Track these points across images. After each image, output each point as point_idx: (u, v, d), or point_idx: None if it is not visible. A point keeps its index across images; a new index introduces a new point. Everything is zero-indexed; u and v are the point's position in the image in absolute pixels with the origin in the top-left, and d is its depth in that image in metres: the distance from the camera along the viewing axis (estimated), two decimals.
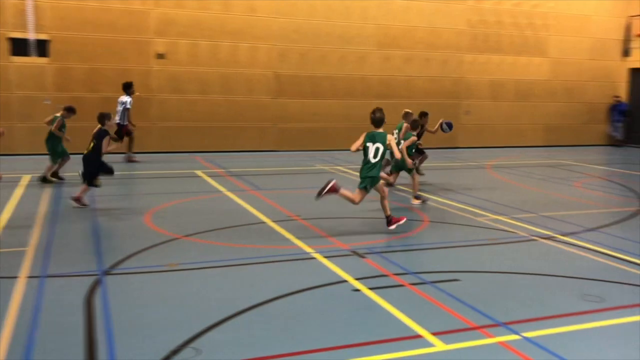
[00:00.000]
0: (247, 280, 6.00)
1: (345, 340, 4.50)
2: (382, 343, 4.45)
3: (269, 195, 10.53)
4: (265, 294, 5.43)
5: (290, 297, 5.43)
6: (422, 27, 18.88)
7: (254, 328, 4.74)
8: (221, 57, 17.06)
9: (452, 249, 7.27)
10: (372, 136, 7.79)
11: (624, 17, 21.58)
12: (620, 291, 5.82)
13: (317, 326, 4.81)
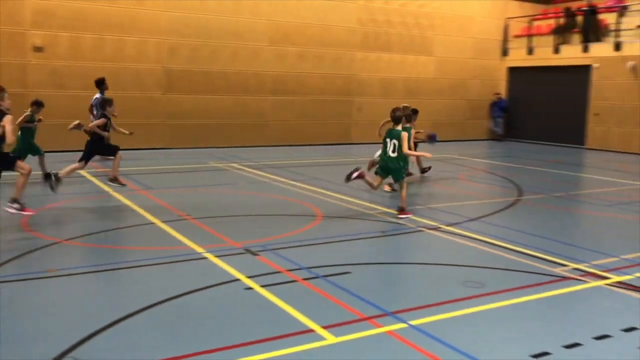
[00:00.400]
0: (134, 283, 5.74)
1: (238, 339, 4.42)
2: (274, 340, 4.41)
3: (159, 195, 10.17)
4: (154, 297, 5.21)
5: (181, 299, 5.25)
6: (314, 24, 19.06)
7: (142, 332, 4.53)
8: (107, 51, 16.27)
9: (345, 243, 7.37)
10: (390, 133, 8.73)
11: (502, 19, 22.97)
12: (500, 276, 6.16)
13: (209, 327, 4.69)
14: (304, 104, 19.30)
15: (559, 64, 21.01)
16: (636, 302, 5.41)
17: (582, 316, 5.08)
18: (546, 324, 4.89)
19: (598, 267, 6.45)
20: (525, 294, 5.53)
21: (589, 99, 19.96)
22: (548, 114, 21.27)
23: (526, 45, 22.25)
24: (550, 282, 5.90)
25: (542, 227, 8.57)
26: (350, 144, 20.02)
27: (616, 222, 9.27)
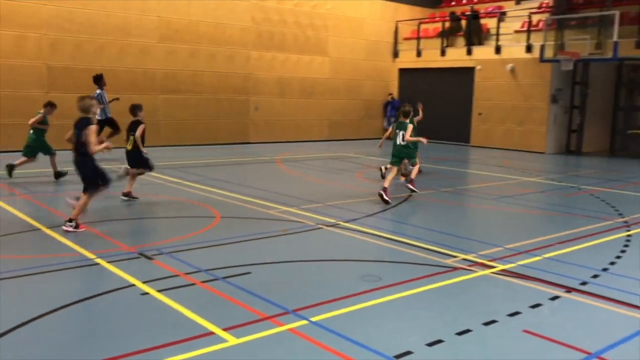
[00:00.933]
0: (17, 294, 5.34)
1: (135, 346, 4.24)
2: (174, 345, 4.27)
3: (44, 199, 9.56)
4: (42, 307, 4.88)
5: (71, 308, 4.96)
6: (206, 22, 18.72)
7: (29, 346, 4.22)
8: None
9: (244, 243, 7.29)
10: (399, 125, 10.33)
11: (393, 22, 23.77)
12: (395, 269, 6.36)
13: (103, 335, 4.46)
14: (198, 102, 18.92)
15: (446, 65, 22.09)
16: (519, 289, 5.78)
17: (472, 304, 5.35)
18: (439, 313, 5.11)
19: (485, 257, 6.83)
20: (419, 285, 5.74)
21: (473, 99, 21.14)
22: (436, 113, 22.24)
23: (415, 47, 23.17)
24: (442, 273, 6.17)
25: (432, 221, 8.96)
26: (248, 143, 19.89)
27: (500, 214, 9.88)
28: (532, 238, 7.81)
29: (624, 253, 7.17)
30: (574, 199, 11.29)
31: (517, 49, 19.97)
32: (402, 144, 10.24)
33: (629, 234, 8.19)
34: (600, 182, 13.23)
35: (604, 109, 20.09)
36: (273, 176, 13.34)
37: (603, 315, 5.14)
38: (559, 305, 5.34)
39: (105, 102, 14.55)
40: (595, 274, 6.28)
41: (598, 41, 16.91)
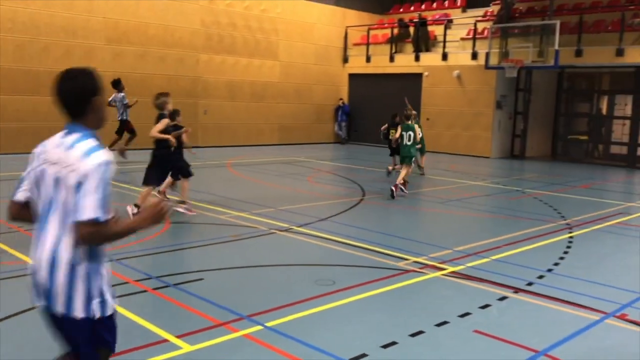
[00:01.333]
0: None
1: None
2: (126, 353, 4.17)
3: None
4: None
5: (20, 317, 4.78)
6: (155, 24, 18.42)
7: None
8: None
9: (196, 249, 7.21)
10: (405, 127, 11.48)
11: (342, 27, 23.97)
12: (349, 273, 6.41)
13: (51, 347, 4.31)
14: (146, 106, 18.52)
15: (394, 71, 22.43)
16: (469, 290, 5.93)
17: (424, 305, 5.45)
18: (393, 316, 5.18)
19: (435, 259, 6.98)
20: (372, 288, 5.81)
21: (421, 105, 21.52)
22: (386, 118, 22.53)
23: (365, 53, 23.44)
24: (394, 276, 6.26)
25: (384, 224, 9.08)
26: (197, 147, 19.60)
27: (449, 217, 10.10)
28: (479, 240, 8.02)
29: (567, 254, 7.45)
30: (519, 202, 11.65)
31: (463, 56, 20.48)
32: (408, 144, 11.39)
33: (571, 236, 8.51)
34: (543, 186, 13.70)
35: (546, 115, 20.81)
36: (224, 181, 13.23)
37: (549, 314, 5.33)
38: (507, 306, 5.50)
39: (125, 105, 15.14)
40: (541, 274, 6.50)
41: (540, 49, 17.51)
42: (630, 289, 6.07)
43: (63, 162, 2.64)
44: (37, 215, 2.76)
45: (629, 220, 9.89)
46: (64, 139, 2.71)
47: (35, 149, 2.84)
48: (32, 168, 2.80)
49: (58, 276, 2.62)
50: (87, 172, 2.57)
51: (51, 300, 2.67)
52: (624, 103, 19.97)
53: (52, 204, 2.68)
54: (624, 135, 19.33)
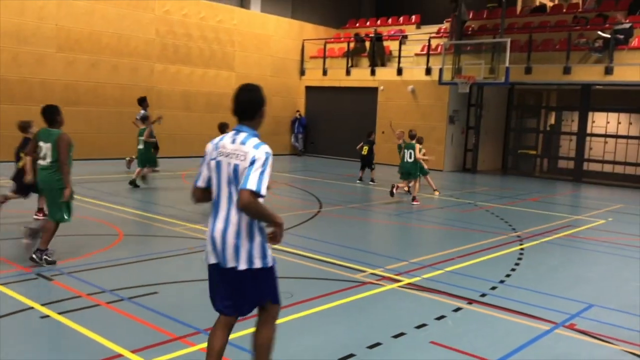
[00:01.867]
0: None
1: None
2: None
3: None
4: None
5: None
6: (109, 33, 18.11)
7: None
8: None
9: (150, 262, 7.08)
10: (407, 145, 12.54)
11: (300, 40, 24.10)
12: (306, 285, 6.41)
13: None
14: (99, 115, 18.21)
15: (351, 85, 22.67)
16: (425, 301, 6.02)
17: (381, 317, 5.50)
18: (350, 328, 5.20)
19: (391, 271, 7.05)
20: (330, 301, 5.83)
21: (377, 118, 21.80)
22: (342, 131, 22.77)
23: (322, 66, 23.62)
24: (352, 288, 6.29)
25: (341, 237, 9.13)
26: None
27: (404, 229, 10.24)
28: (435, 252, 8.15)
29: (518, 266, 7.66)
30: (471, 214, 11.91)
31: (417, 71, 20.88)
32: (409, 161, 12.37)
33: (521, 248, 8.75)
34: (494, 199, 14.05)
35: (496, 130, 21.39)
36: (178, 192, 13.05)
37: (502, 324, 5.46)
38: (461, 317, 5.61)
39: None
40: (494, 285, 6.65)
41: (492, 66, 18.02)
42: (579, 300, 6.28)
43: (238, 152, 3.52)
44: (214, 196, 3.63)
45: (577, 233, 10.24)
46: (236, 137, 3.60)
47: (207, 146, 3.72)
48: (208, 160, 3.67)
49: (242, 239, 3.51)
50: (256, 158, 3.45)
51: (225, 258, 3.55)
52: (570, 119, 20.74)
53: (227, 185, 3.55)
54: (571, 150, 20.04)
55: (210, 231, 3.62)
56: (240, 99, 3.60)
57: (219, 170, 3.59)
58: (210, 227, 3.63)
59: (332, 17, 26.19)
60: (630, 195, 16.22)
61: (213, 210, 3.64)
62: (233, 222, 3.52)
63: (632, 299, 6.47)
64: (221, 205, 3.58)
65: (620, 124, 19.97)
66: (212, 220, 3.63)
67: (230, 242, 3.52)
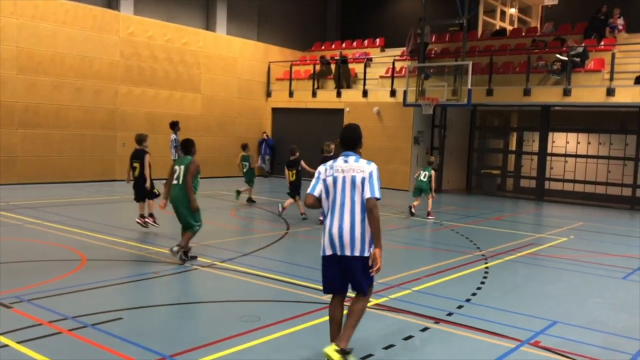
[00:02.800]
0: None
1: None
2: None
3: None
4: None
5: None
6: (72, 55, 17.89)
7: None
8: None
9: (114, 287, 6.93)
10: (424, 168, 14.04)
11: (266, 62, 24.21)
12: (273, 308, 6.37)
13: None
14: (62, 138, 17.89)
15: (317, 106, 22.82)
16: (392, 322, 6.03)
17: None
18: (318, 350, 5.16)
19: None
20: (297, 323, 5.79)
21: None
22: (309, 152, 22.79)
23: (288, 88, 23.74)
24: (320, 310, 6.27)
25: (309, 258, 9.10)
26: (115, 181, 19.05)
27: None
28: (401, 272, 8.20)
29: (483, 284, 7.75)
30: (437, 234, 12.04)
31: (382, 93, 21.16)
32: (424, 180, 13.81)
33: (486, 266, 8.87)
34: (459, 218, 14.24)
35: (460, 150, 21.75)
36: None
37: (468, 343, 5.50)
38: (428, 336, 5.64)
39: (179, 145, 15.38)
40: (460, 304, 6.72)
41: (454, 88, 18.38)
42: (543, 317, 6.39)
43: (354, 168, 4.75)
44: (325, 203, 4.82)
45: (539, 251, 10.44)
46: (347, 159, 4.85)
47: (319, 168, 4.92)
48: (323, 177, 4.84)
49: (356, 233, 4.64)
50: (371, 172, 4.72)
51: (342, 248, 4.68)
52: (531, 139, 21.24)
53: (348, 194, 4.71)
54: (532, 170, 20.50)
55: (329, 229, 4.73)
56: (348, 135, 5.01)
57: (336, 183, 4.75)
58: (328, 226, 4.74)
59: (298, 40, 26.43)
60: (590, 213, 16.64)
61: (330, 213, 4.77)
62: (353, 221, 4.66)
63: (594, 316, 6.61)
64: (340, 209, 4.71)
65: (579, 144, 20.55)
66: (330, 221, 4.75)
67: (348, 236, 4.65)
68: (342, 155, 4.89)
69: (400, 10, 26.24)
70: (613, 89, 16.61)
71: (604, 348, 5.52)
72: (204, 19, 22.66)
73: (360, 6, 27.55)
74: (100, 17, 18.57)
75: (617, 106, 17.44)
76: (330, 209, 4.78)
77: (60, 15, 17.57)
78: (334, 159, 4.88)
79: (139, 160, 10.90)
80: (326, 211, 4.81)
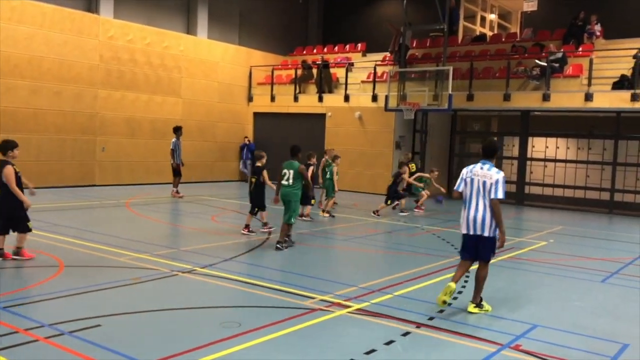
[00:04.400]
0: None
1: None
2: None
3: None
4: None
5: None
6: (50, 58, 17.67)
7: None
8: None
9: (92, 293, 6.83)
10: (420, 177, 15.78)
11: (247, 67, 24.15)
12: (254, 314, 6.32)
13: None
14: (40, 142, 17.64)
15: (299, 111, 22.80)
16: (374, 327, 6.02)
17: (330, 344, 5.46)
18: (299, 356, 5.14)
19: (341, 296, 7.04)
20: (279, 329, 5.75)
21: (325, 144, 21.94)
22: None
23: (269, 92, 23.70)
24: (301, 315, 6.24)
25: (290, 263, 9.08)
26: (94, 186, 18.83)
27: (353, 254, 10.26)
28: (383, 277, 8.19)
29: (464, 288, 7.77)
30: (419, 238, 12.07)
31: (364, 98, 21.21)
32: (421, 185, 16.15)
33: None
34: (440, 222, 14.29)
35: (441, 155, 21.86)
36: (122, 221, 12.72)
37: (449, 347, 5.51)
38: (410, 341, 5.63)
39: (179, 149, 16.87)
40: (441, 309, 6.72)
41: (435, 93, 18.47)
42: (523, 320, 6.42)
43: (485, 174, 6.58)
44: (465, 197, 6.76)
45: (520, 255, 10.51)
46: (483, 166, 6.65)
47: (463, 170, 6.83)
48: (465, 177, 6.78)
49: (486, 221, 6.53)
50: (497, 179, 6.49)
51: (475, 229, 6.61)
52: (511, 144, 21.43)
53: (481, 193, 6.59)
54: (513, 174, 20.67)
55: (467, 216, 6.72)
56: (487, 147, 6.87)
57: (473, 184, 6.69)
58: (466, 214, 6.72)
59: (280, 44, 26.41)
60: (570, 217, 16.82)
61: (468, 205, 6.73)
62: (484, 212, 6.59)
63: (574, 319, 6.66)
64: (474, 202, 6.66)
65: (558, 149, 20.79)
66: (467, 210, 6.72)
67: (480, 222, 6.59)
68: (480, 162, 6.75)
69: (381, 15, 26.35)
70: (591, 94, 16.84)
71: (584, 351, 5.56)
72: (185, 22, 22.55)
73: (342, 11, 27.63)
74: (79, 20, 18.37)
75: (595, 111, 17.67)
76: (468, 202, 6.72)
77: (38, 18, 17.35)
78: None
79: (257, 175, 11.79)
80: (465, 203, 6.75)
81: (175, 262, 8.48)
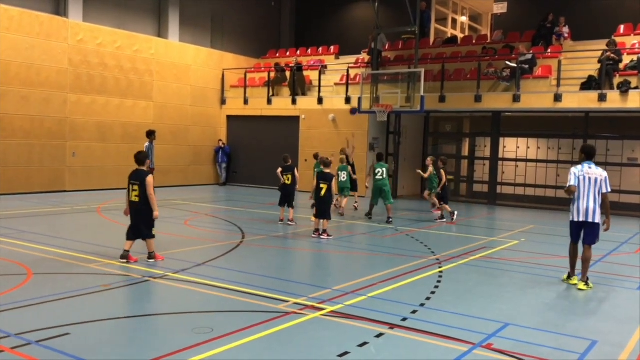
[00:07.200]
0: None
1: None
2: None
3: None
4: None
5: None
6: (18, 62, 17.35)
7: None
8: None
9: (61, 301, 6.69)
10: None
11: (220, 69, 24.01)
12: (227, 319, 6.26)
13: None
14: (7, 148, 17.30)
15: (272, 114, 22.75)
16: (347, 329, 6.01)
17: (304, 348, 5.43)
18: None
19: (314, 299, 7.02)
20: (252, 334, 5.71)
21: (299, 146, 21.93)
22: (265, 159, 22.71)
23: (242, 95, 23.59)
24: (274, 319, 6.20)
25: (264, 267, 9.02)
26: (64, 192, 18.52)
27: (327, 256, 10.26)
28: (357, 278, 8.20)
29: (437, 288, 7.82)
30: (393, 239, 12.12)
31: (337, 100, 21.25)
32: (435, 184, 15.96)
33: (440, 270, 8.96)
34: (413, 223, 14.38)
35: (415, 156, 21.99)
36: (93, 227, 12.53)
37: (422, 348, 5.53)
38: (383, 342, 5.63)
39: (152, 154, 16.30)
40: (414, 309, 6.75)
41: (408, 95, 18.58)
42: (495, 319, 6.48)
43: (595, 172, 8.15)
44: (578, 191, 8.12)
45: (492, 254, 10.62)
46: (590, 166, 8.18)
47: (573, 170, 8.20)
48: (577, 175, 8.15)
49: (596, 210, 8.09)
50: (605, 176, 8.14)
51: (587, 217, 8.09)
52: (483, 145, 21.68)
53: (592, 187, 8.07)
54: (485, 175, 20.91)
55: (579, 206, 8.09)
56: (591, 149, 8.39)
57: (584, 180, 8.06)
58: (579, 204, 8.09)
59: (252, 47, 26.32)
60: (541, 216, 17.06)
61: (580, 197, 8.08)
62: (595, 203, 8.05)
63: (545, 317, 6.74)
64: (587, 196, 8.04)
65: (529, 149, 21.09)
66: (580, 201, 8.10)
67: (592, 211, 8.04)
68: (586, 163, 8.19)
69: (354, 18, 26.46)
70: (560, 94, 17.12)
71: (554, 349, 5.62)
72: (156, 25, 22.34)
73: (314, 14, 27.66)
74: (47, 23, 18.08)
75: (564, 111, 17.97)
76: (581, 195, 8.08)
77: (5, 22, 17.03)
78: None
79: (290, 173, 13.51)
80: (579, 195, 8.08)
81: (147, 268, 8.37)
